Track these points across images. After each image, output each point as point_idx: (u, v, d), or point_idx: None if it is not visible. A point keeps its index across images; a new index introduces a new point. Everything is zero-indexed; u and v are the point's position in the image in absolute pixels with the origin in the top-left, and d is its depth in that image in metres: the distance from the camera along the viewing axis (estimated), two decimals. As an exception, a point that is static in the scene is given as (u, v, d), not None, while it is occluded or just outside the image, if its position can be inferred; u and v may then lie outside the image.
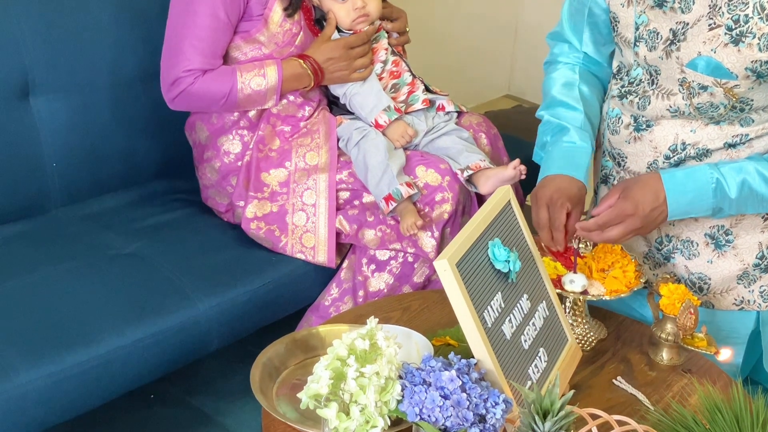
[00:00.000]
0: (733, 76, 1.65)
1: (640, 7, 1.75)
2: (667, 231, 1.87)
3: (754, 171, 1.70)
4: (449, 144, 2.19)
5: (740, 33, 1.62)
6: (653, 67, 1.76)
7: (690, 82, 1.71)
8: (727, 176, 1.70)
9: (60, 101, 2.22)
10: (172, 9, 2.11)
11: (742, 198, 1.71)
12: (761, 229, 1.82)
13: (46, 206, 2.26)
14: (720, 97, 1.69)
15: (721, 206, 1.72)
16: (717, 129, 1.75)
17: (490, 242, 1.46)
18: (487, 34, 3.95)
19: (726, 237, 1.83)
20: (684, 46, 1.69)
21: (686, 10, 1.68)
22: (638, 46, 1.77)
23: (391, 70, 2.24)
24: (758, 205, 1.73)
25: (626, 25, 1.79)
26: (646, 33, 1.75)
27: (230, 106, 2.13)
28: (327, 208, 2.12)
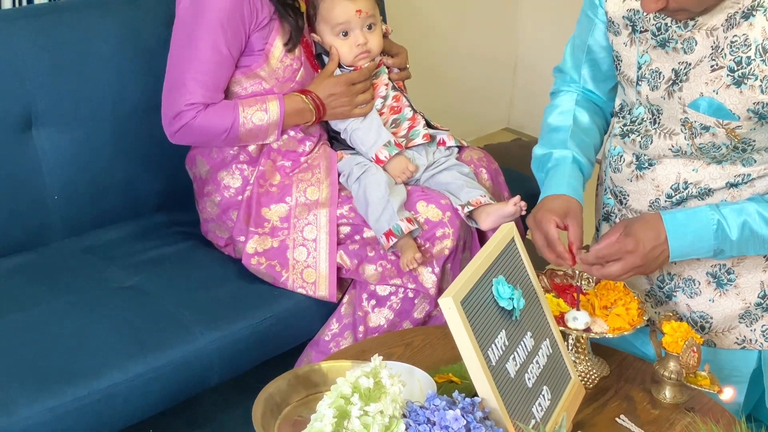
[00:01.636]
0: (735, 117, 1.66)
1: (643, 46, 1.76)
2: (669, 269, 1.87)
3: (755, 212, 1.71)
4: (450, 179, 2.20)
5: (742, 75, 1.63)
6: (655, 107, 1.77)
7: (692, 122, 1.71)
8: (728, 218, 1.70)
9: (62, 134, 2.22)
10: (174, 43, 2.12)
11: (744, 240, 1.71)
12: (763, 268, 1.82)
13: (48, 239, 2.26)
14: (722, 138, 1.70)
15: (722, 248, 1.72)
16: (719, 168, 1.76)
17: (494, 279, 1.46)
18: (486, 69, 3.97)
19: (728, 276, 1.83)
20: (686, 87, 1.70)
21: (688, 51, 1.69)
22: (640, 86, 1.78)
23: (392, 106, 2.25)
24: (759, 247, 1.73)
25: (629, 65, 1.80)
26: (649, 72, 1.76)
27: (231, 141, 2.13)
28: (328, 243, 2.12)
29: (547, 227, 1.75)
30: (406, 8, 3.30)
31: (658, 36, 1.73)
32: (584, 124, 1.94)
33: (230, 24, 2.07)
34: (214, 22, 2.05)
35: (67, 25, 2.22)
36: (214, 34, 2.06)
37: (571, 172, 1.86)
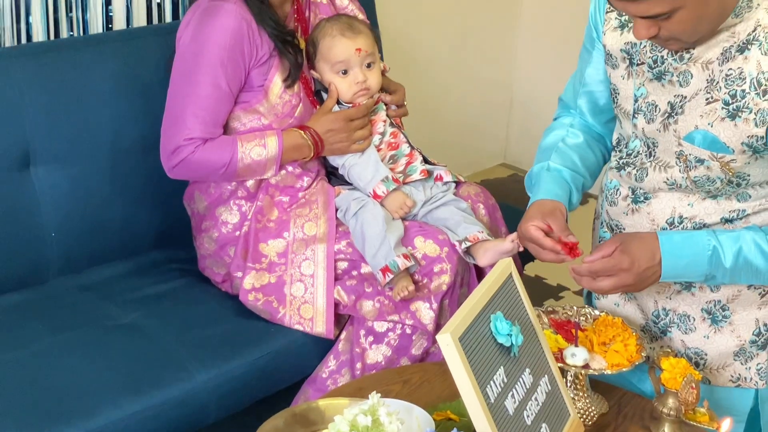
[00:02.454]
0: (729, 150, 1.66)
1: (640, 79, 1.77)
2: (664, 304, 1.87)
3: (751, 241, 1.71)
4: (447, 215, 2.20)
5: (737, 108, 1.63)
6: (651, 140, 1.78)
7: (687, 155, 1.72)
8: (723, 245, 1.70)
9: (60, 171, 2.22)
10: (173, 78, 2.13)
11: (737, 268, 1.71)
12: (758, 305, 1.81)
13: (45, 276, 2.26)
14: (716, 171, 1.70)
15: (714, 274, 1.72)
16: (714, 204, 1.76)
17: (492, 316, 1.45)
18: (482, 105, 3.99)
19: (722, 312, 1.82)
20: (681, 120, 1.71)
21: (684, 84, 1.69)
22: (637, 118, 1.79)
23: (390, 142, 2.26)
24: (752, 276, 1.73)
25: (626, 97, 1.81)
26: (645, 105, 1.76)
27: (230, 176, 2.14)
28: (325, 278, 2.12)
29: (530, 233, 1.76)
30: (403, 46, 3.32)
31: (654, 69, 1.73)
32: (573, 142, 1.96)
33: (230, 60, 2.08)
34: (214, 58, 2.07)
35: (66, 63, 2.23)
36: (214, 71, 2.07)
37: (547, 178, 1.88)
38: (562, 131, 1.98)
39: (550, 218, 1.77)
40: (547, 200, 1.83)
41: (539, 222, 1.77)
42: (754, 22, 1.60)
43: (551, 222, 1.76)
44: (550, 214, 1.78)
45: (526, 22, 4.01)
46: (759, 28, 1.60)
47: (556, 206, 1.81)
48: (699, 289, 1.81)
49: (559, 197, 1.84)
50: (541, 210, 1.80)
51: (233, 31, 2.07)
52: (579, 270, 1.72)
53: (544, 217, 1.77)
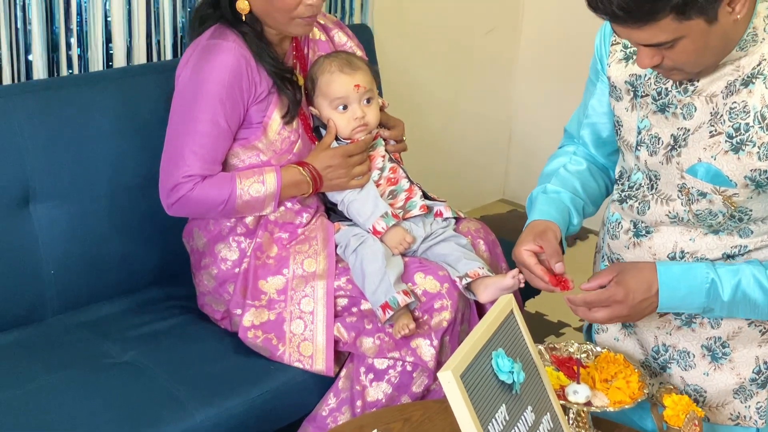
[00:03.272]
0: (732, 184, 1.66)
1: (643, 111, 1.76)
2: (664, 340, 1.86)
3: (750, 275, 1.70)
4: (447, 251, 2.19)
5: (740, 141, 1.63)
6: (653, 172, 1.77)
7: (689, 188, 1.71)
8: (722, 278, 1.70)
9: (60, 209, 2.22)
10: (172, 115, 2.13)
11: (735, 302, 1.70)
12: (758, 343, 1.80)
13: (43, 314, 2.25)
14: (719, 205, 1.69)
15: (712, 306, 1.71)
16: (716, 239, 1.75)
17: (493, 353, 1.44)
18: (481, 141, 4.00)
19: (723, 349, 1.81)
20: (685, 152, 1.70)
21: (688, 117, 1.69)
22: (639, 151, 1.78)
23: (389, 177, 2.26)
24: (750, 311, 1.72)
25: (629, 130, 1.80)
26: (648, 138, 1.76)
27: (228, 213, 2.13)
28: (325, 315, 2.11)
29: (522, 258, 1.77)
30: (403, 82, 3.34)
31: (659, 101, 1.73)
32: (575, 168, 1.97)
33: (229, 98, 2.08)
34: (213, 95, 2.07)
35: (66, 100, 2.23)
36: (213, 108, 2.08)
37: (543, 200, 1.89)
38: (564, 158, 1.99)
39: (541, 240, 1.78)
40: (540, 221, 1.84)
41: (532, 245, 1.78)
42: (759, 56, 1.61)
43: (543, 244, 1.77)
44: (541, 236, 1.79)
45: (524, 58, 4.03)
46: (764, 62, 1.60)
47: (548, 227, 1.82)
48: (699, 326, 1.81)
49: (554, 218, 1.85)
50: (534, 232, 1.81)
51: (232, 69, 2.07)
52: (574, 300, 1.73)
53: (536, 239, 1.78)
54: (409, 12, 3.41)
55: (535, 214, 1.87)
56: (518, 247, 1.80)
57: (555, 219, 1.84)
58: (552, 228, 1.82)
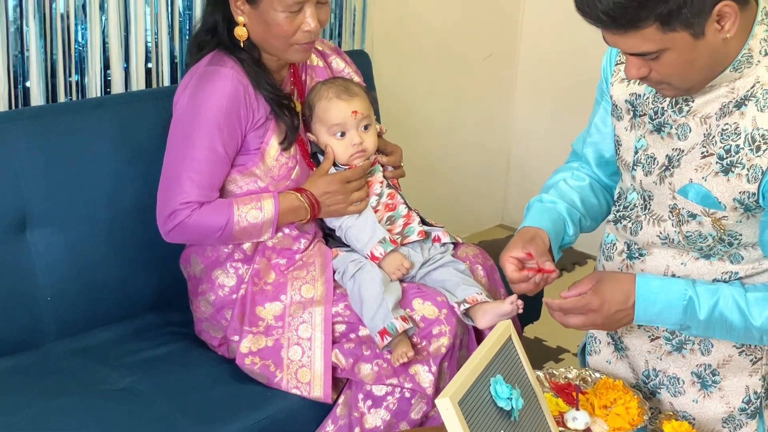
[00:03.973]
0: (721, 206, 1.66)
1: (641, 131, 1.77)
2: (655, 365, 1.85)
3: (729, 296, 1.69)
4: (446, 276, 2.19)
5: (730, 163, 1.63)
6: (647, 192, 1.78)
7: (680, 209, 1.71)
8: (700, 296, 1.69)
9: (57, 235, 2.22)
10: (170, 142, 2.13)
11: (711, 322, 1.69)
12: (749, 372, 1.78)
13: (40, 341, 2.24)
14: (708, 227, 1.69)
15: (688, 324, 1.71)
16: (707, 264, 1.75)
17: (492, 379, 1.44)
18: (479, 166, 4.01)
19: (713, 377, 1.79)
20: (677, 173, 1.71)
21: (683, 137, 1.69)
22: (635, 170, 1.79)
23: (387, 203, 2.26)
24: (725, 332, 1.71)
25: (627, 149, 1.81)
26: (644, 157, 1.76)
27: (226, 239, 2.13)
28: (323, 342, 2.10)
29: (503, 265, 1.79)
30: (401, 108, 3.35)
31: (655, 120, 1.74)
32: (576, 183, 1.98)
33: (227, 124, 2.09)
34: (211, 122, 2.07)
35: (64, 126, 2.24)
36: (210, 134, 2.08)
37: (536, 208, 1.91)
38: (567, 173, 2.00)
39: (529, 245, 1.79)
40: (530, 228, 1.85)
41: (518, 252, 1.78)
42: (753, 79, 1.61)
43: (531, 249, 1.78)
44: (530, 242, 1.80)
45: (521, 84, 4.04)
46: (758, 84, 1.61)
47: (536, 233, 1.83)
48: (690, 352, 1.80)
49: (545, 226, 1.85)
50: (522, 239, 1.81)
51: (230, 96, 2.08)
52: (551, 304, 1.74)
53: (524, 246, 1.79)
54: (407, 38, 3.43)
55: (527, 221, 1.88)
56: (504, 252, 1.81)
57: (546, 227, 1.85)
58: (540, 235, 1.82)
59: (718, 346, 1.78)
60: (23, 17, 2.29)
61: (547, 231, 1.84)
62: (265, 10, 2.07)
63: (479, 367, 1.42)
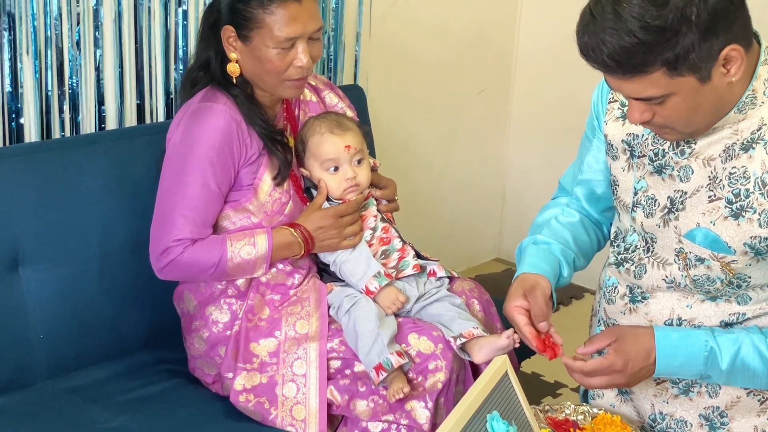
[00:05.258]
0: (731, 251, 1.63)
1: (640, 172, 1.74)
2: (661, 408, 1.83)
3: (750, 344, 1.67)
4: (441, 311, 2.17)
5: (740, 207, 1.60)
6: (650, 235, 1.75)
7: (687, 252, 1.69)
8: (721, 346, 1.67)
9: (49, 272, 2.20)
10: (163, 179, 2.13)
11: (734, 370, 1.67)
12: (757, 412, 1.76)
13: (31, 379, 2.21)
14: (717, 271, 1.67)
15: (710, 374, 1.69)
16: (714, 306, 1.72)
17: (488, 415, 1.42)
18: (475, 199, 4.01)
19: (721, 419, 1.77)
20: (683, 216, 1.68)
21: (685, 179, 1.67)
22: (636, 212, 1.76)
23: (381, 237, 2.25)
24: (748, 380, 1.69)
25: (625, 190, 1.78)
26: (645, 199, 1.74)
27: (219, 275, 2.12)
28: (318, 378, 2.08)
29: (512, 316, 1.77)
30: (395, 142, 3.35)
31: (655, 162, 1.71)
32: (567, 220, 1.95)
33: (219, 160, 2.08)
34: (203, 158, 2.07)
35: (56, 163, 2.23)
36: (203, 171, 2.07)
37: (533, 251, 1.87)
38: (557, 209, 1.98)
39: (530, 297, 1.76)
40: (530, 275, 1.81)
41: (522, 301, 1.76)
42: (758, 120, 1.59)
43: (531, 302, 1.76)
44: (530, 292, 1.77)
45: (516, 117, 4.06)
46: (764, 127, 1.58)
47: (537, 281, 1.79)
48: (697, 395, 1.78)
49: (544, 271, 1.82)
50: (523, 286, 1.79)
51: (222, 132, 2.07)
52: (571, 366, 1.70)
53: (525, 295, 1.77)
54: (400, 72, 3.44)
55: (524, 266, 1.85)
56: (508, 303, 1.78)
57: (545, 272, 1.82)
58: (541, 284, 1.79)
59: (725, 388, 1.76)
60: (17, 53, 2.29)
61: (546, 276, 1.81)
62: (257, 47, 2.07)
63: (475, 404, 1.41)
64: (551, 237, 1.91)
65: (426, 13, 3.46)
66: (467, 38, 3.68)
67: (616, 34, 1.45)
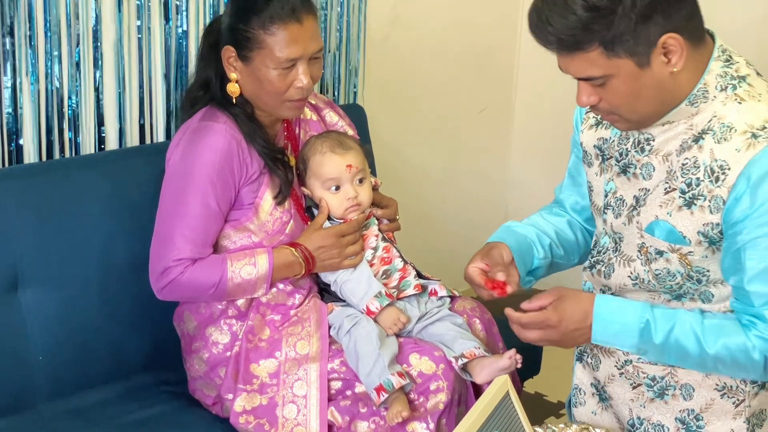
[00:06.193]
0: (686, 241, 1.68)
1: (609, 174, 1.81)
2: (639, 413, 1.85)
3: (686, 323, 1.69)
4: (443, 330, 2.16)
5: (693, 196, 1.66)
6: (618, 234, 1.80)
7: (648, 247, 1.74)
8: (657, 320, 1.70)
9: (49, 294, 2.19)
10: (162, 198, 2.12)
11: (667, 347, 1.70)
12: (732, 415, 1.78)
13: (31, 402, 2.19)
14: (676, 264, 1.71)
15: (645, 348, 1.72)
16: (680, 305, 1.76)
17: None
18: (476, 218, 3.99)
19: (696, 422, 1.79)
20: (644, 211, 1.74)
21: (647, 177, 1.73)
22: (606, 214, 1.82)
23: (382, 257, 2.24)
24: (680, 358, 1.72)
25: (598, 193, 1.86)
26: (614, 200, 1.80)
27: (220, 295, 2.11)
28: (318, 399, 2.07)
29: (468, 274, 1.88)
30: (396, 161, 3.34)
31: (621, 162, 1.77)
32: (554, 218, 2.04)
33: (220, 179, 2.08)
34: (203, 177, 2.07)
35: (56, 184, 2.22)
36: (203, 190, 2.07)
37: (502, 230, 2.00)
38: (545, 210, 2.08)
39: (487, 257, 1.86)
40: (491, 243, 1.93)
41: (479, 263, 1.86)
42: (710, 114, 1.65)
43: (488, 260, 1.85)
44: (487, 253, 1.88)
45: (517, 136, 4.05)
46: (714, 118, 1.64)
47: (495, 246, 1.90)
48: (672, 398, 1.80)
49: (506, 241, 1.93)
50: (481, 252, 1.90)
51: (222, 151, 2.07)
52: (511, 316, 1.77)
53: (483, 258, 1.86)
54: (401, 91, 3.44)
55: (490, 239, 1.96)
56: (467, 266, 1.88)
57: (507, 242, 1.92)
58: (499, 247, 1.89)
59: (699, 390, 1.78)
60: (17, 74, 2.29)
61: (509, 246, 1.90)
62: (257, 67, 2.07)
63: (477, 424, 1.40)
64: (528, 224, 2.00)
65: (426, 32, 3.46)
66: (468, 57, 3.68)
67: (559, 11, 1.55)
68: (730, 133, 1.61)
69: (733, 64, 1.67)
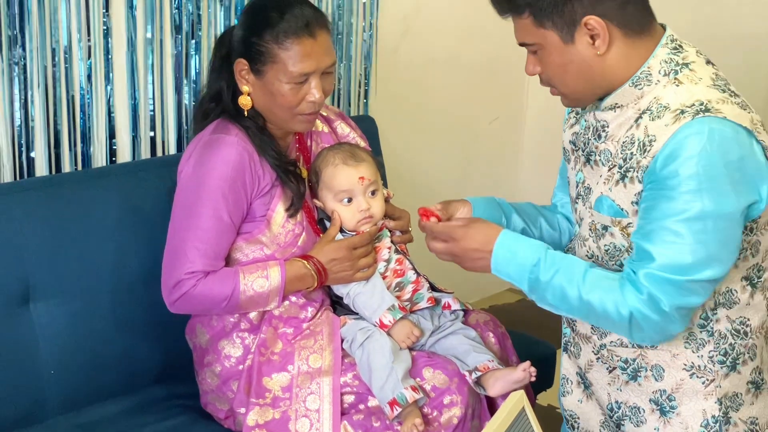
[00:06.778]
0: (623, 213, 1.74)
1: (578, 165, 1.88)
2: (616, 397, 1.87)
3: (573, 268, 1.75)
4: (456, 344, 2.15)
5: (626, 170, 1.72)
6: (582, 219, 1.86)
7: (596, 224, 1.80)
8: (548, 260, 1.76)
9: (60, 307, 2.19)
10: (174, 211, 2.11)
11: (550, 286, 1.76)
12: (704, 395, 1.79)
13: (42, 415, 2.19)
14: (619, 238, 1.76)
15: (534, 286, 1.78)
16: None
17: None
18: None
19: (669, 403, 1.80)
20: (593, 189, 1.81)
21: (605, 163, 1.79)
22: (577, 203, 1.88)
23: (395, 269, 2.23)
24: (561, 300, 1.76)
25: (573, 185, 1.92)
26: (583, 190, 1.86)
27: (232, 308, 2.10)
28: (331, 413, 2.05)
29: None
30: (407, 173, 3.34)
31: (585, 150, 1.84)
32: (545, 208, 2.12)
33: (232, 192, 2.07)
34: (215, 190, 2.06)
35: (67, 197, 2.22)
36: (215, 203, 2.06)
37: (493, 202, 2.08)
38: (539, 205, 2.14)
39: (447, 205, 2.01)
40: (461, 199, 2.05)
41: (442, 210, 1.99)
42: (652, 96, 1.71)
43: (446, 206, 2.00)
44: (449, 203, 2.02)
45: (529, 146, 4.05)
46: (654, 100, 1.71)
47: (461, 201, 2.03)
48: (644, 379, 1.82)
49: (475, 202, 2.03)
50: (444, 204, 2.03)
51: (234, 163, 2.06)
52: (423, 226, 1.92)
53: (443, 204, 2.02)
54: (412, 103, 3.43)
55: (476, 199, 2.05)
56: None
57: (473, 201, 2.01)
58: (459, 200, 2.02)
59: (669, 370, 1.80)
60: (27, 87, 2.29)
61: (473, 205, 2.01)
62: (270, 81, 2.07)
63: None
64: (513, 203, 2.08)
65: (437, 43, 3.46)
66: (478, 68, 3.68)
67: None
68: (664, 111, 1.68)
69: (682, 52, 1.74)
